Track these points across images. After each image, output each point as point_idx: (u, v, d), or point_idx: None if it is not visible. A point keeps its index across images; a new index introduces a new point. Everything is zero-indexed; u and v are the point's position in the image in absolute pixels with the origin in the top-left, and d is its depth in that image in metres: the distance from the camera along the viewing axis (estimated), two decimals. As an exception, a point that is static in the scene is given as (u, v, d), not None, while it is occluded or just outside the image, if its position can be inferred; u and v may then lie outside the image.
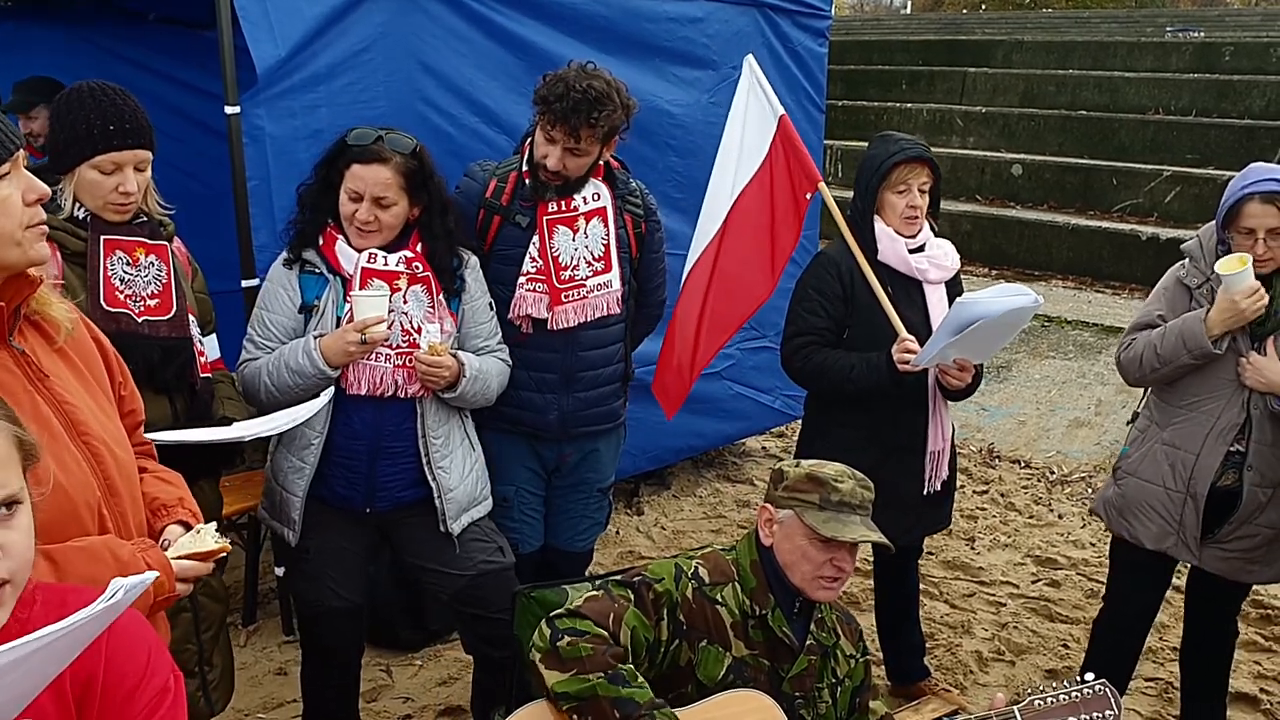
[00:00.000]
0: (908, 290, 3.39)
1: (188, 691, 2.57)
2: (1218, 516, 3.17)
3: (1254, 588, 4.09)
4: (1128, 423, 3.48)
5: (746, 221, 3.65)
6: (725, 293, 3.66)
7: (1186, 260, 3.26)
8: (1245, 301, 2.99)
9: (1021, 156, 11.27)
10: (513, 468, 3.20)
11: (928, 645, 4.12)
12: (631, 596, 2.27)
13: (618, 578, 2.37)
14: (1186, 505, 3.17)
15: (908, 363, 3.16)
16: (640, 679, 2.16)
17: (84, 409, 1.72)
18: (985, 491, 5.87)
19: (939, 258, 3.47)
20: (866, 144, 3.69)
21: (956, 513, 5.49)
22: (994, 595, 4.70)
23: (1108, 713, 2.39)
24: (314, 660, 3.00)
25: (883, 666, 3.91)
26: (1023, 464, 6.24)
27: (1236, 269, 2.97)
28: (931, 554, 5.04)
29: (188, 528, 1.89)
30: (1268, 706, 3.94)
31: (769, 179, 3.64)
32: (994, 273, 9.67)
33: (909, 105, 13.24)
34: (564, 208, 3.09)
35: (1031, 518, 5.53)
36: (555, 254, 3.08)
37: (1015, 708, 2.39)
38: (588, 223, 3.12)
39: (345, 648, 2.97)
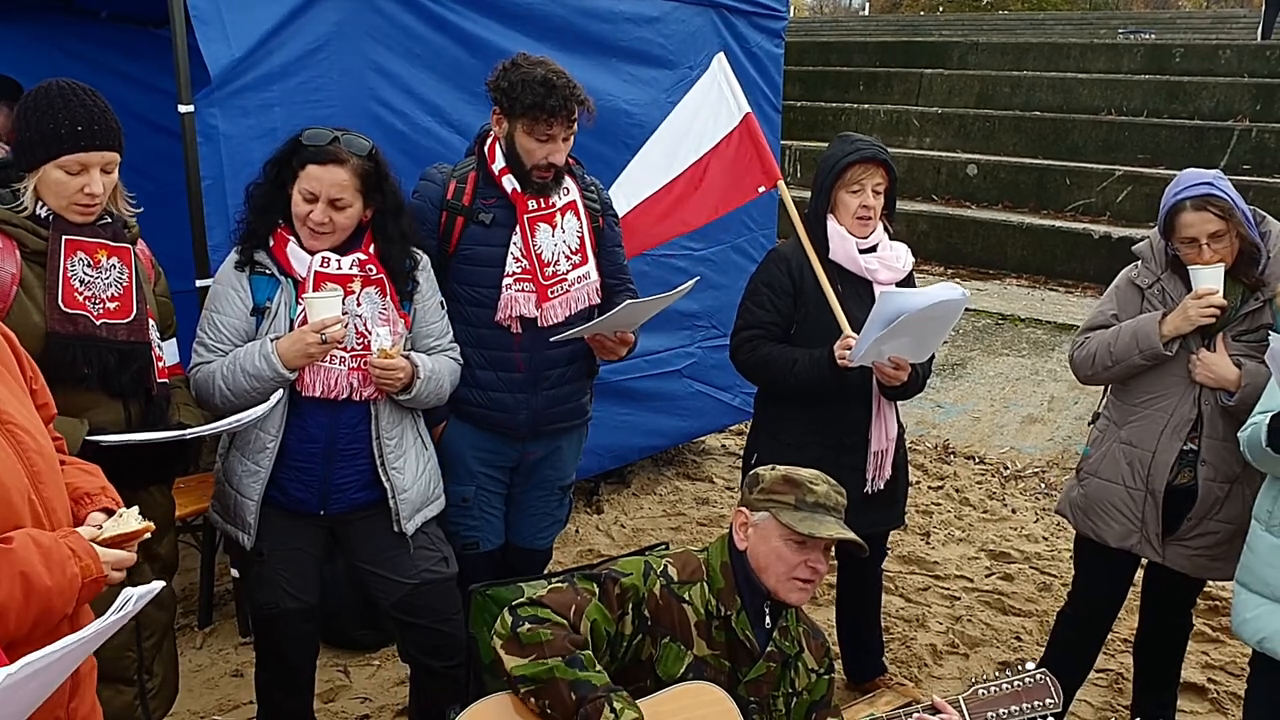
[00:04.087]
0: (857, 290, 3.44)
1: (125, 700, 2.58)
2: (1178, 514, 3.24)
3: (1201, 579, 4.18)
4: (1089, 423, 3.54)
5: (672, 197, 3.81)
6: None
7: (1139, 261, 3.33)
8: (1194, 307, 3.06)
9: (977, 157, 11.41)
10: (474, 467, 3.21)
11: (886, 639, 4.17)
12: (596, 590, 2.29)
13: (585, 571, 2.39)
14: (1147, 503, 3.23)
15: (846, 359, 3.20)
16: (598, 666, 2.19)
17: (3, 398, 1.71)
18: (940, 487, 5.94)
19: (890, 259, 3.51)
20: (825, 144, 3.77)
21: (912, 508, 5.56)
22: (948, 589, 4.76)
23: (1048, 701, 2.44)
24: (269, 662, 2.99)
25: (839, 662, 3.95)
26: (977, 460, 6.33)
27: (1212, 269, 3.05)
28: (887, 549, 5.10)
29: (111, 515, 1.87)
30: (1215, 695, 4.02)
31: (706, 168, 3.78)
32: (950, 272, 9.78)
33: (866, 106, 13.35)
34: (544, 205, 3.11)
35: (986, 512, 5.60)
36: (539, 251, 3.10)
37: (960, 697, 2.44)
38: (563, 217, 3.14)
39: (300, 649, 2.96)
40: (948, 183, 11.25)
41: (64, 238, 2.40)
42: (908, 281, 3.57)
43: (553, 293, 3.09)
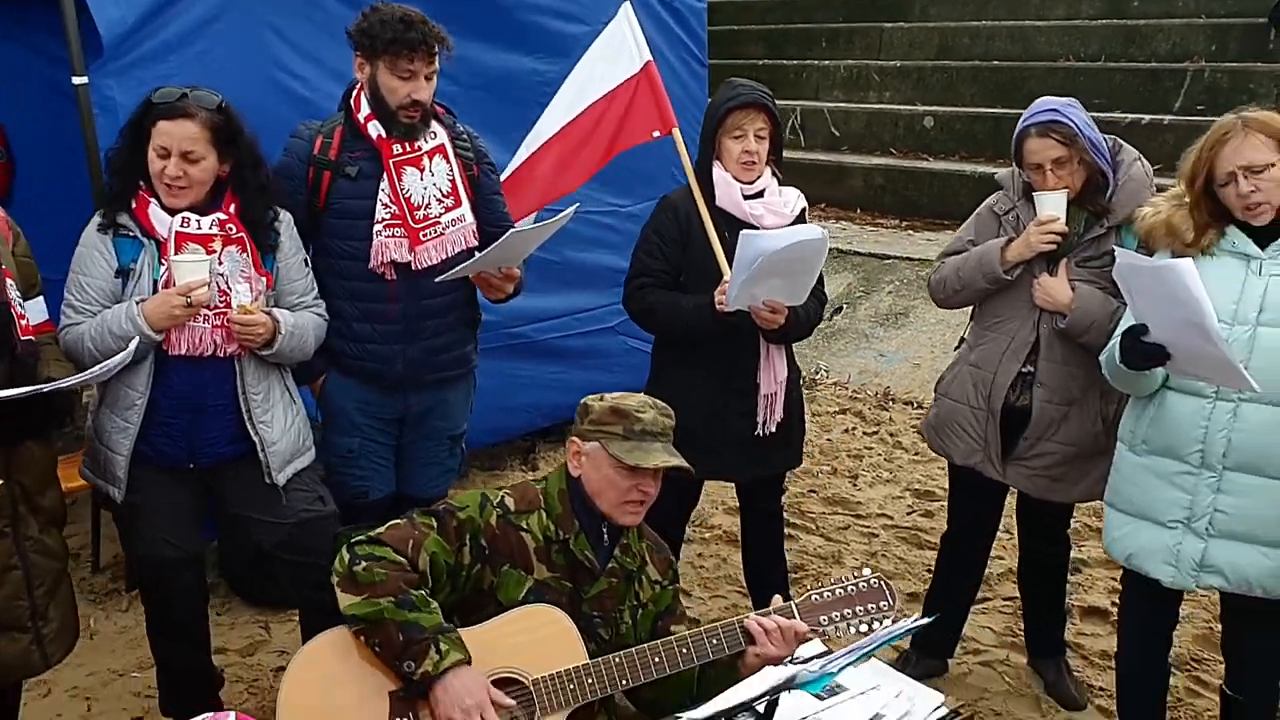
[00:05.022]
0: None
1: (20, 646, 2.69)
2: (1020, 435, 3.36)
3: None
4: (955, 347, 3.66)
5: (571, 140, 3.91)
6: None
7: (1001, 189, 3.43)
8: (1035, 233, 3.17)
9: (934, 109, 11.43)
10: (356, 419, 3.30)
11: (798, 575, 4.29)
12: (434, 524, 2.39)
13: (425, 509, 2.49)
14: (988, 423, 3.36)
15: (723, 303, 3.29)
16: (432, 605, 2.29)
17: None
18: (875, 432, 6.05)
19: (777, 204, 3.59)
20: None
21: (844, 453, 5.69)
22: (868, 527, 4.88)
23: (883, 604, 2.55)
24: (158, 616, 3.10)
25: (749, 599, 4.07)
26: (915, 405, 6.43)
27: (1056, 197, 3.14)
28: (814, 491, 5.22)
29: None
30: (1117, 618, 4.13)
31: (604, 113, 3.86)
32: (904, 224, 9.84)
33: (829, 63, 13.34)
34: (409, 149, 3.18)
35: (917, 455, 5.71)
36: (407, 195, 3.17)
37: (792, 603, 2.55)
38: (431, 160, 3.22)
39: (185, 600, 3.07)
40: (905, 136, 11.28)
41: None
42: (799, 224, 3.64)
43: (425, 236, 3.16)
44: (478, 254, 3.20)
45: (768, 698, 2.19)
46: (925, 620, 2.49)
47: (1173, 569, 2.94)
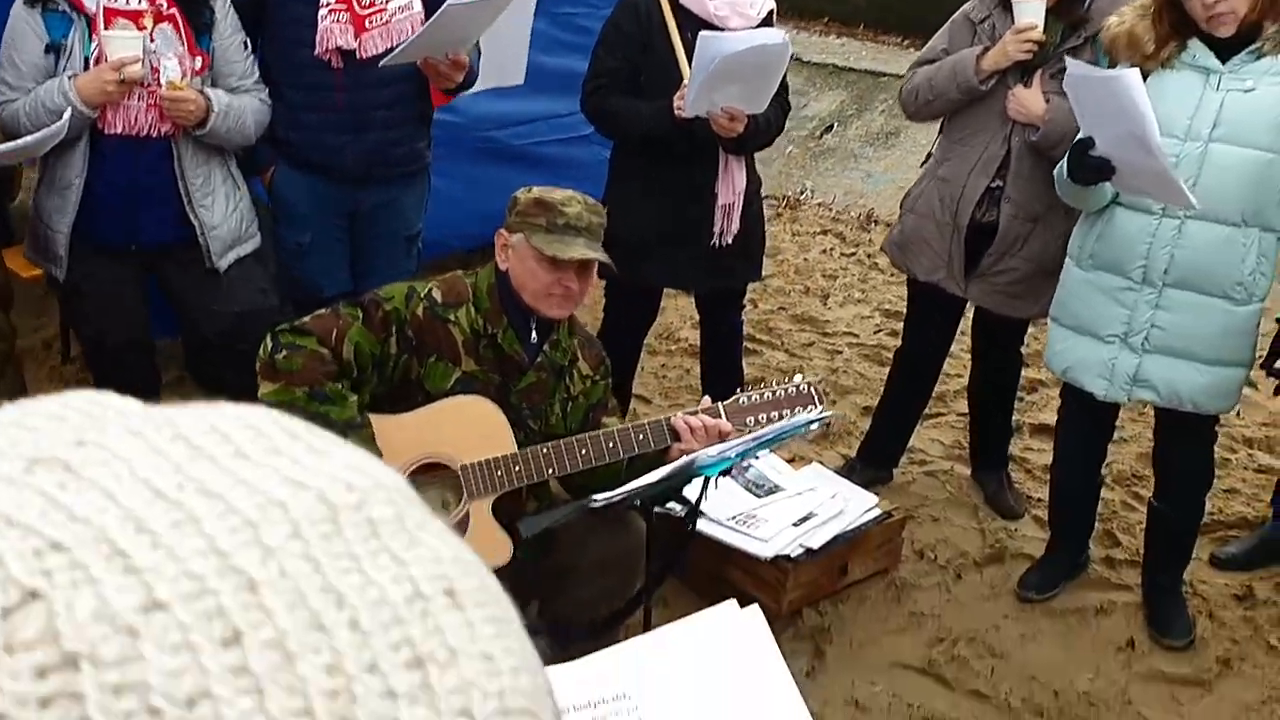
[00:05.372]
0: None
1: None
2: (983, 251, 3.34)
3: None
4: (921, 163, 3.61)
5: None
6: None
7: None
8: (1012, 42, 3.07)
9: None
10: (307, 213, 3.29)
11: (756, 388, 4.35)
12: (359, 314, 2.41)
13: (351, 299, 2.51)
14: (953, 238, 3.34)
15: (681, 108, 3.22)
16: (349, 400, 2.32)
17: None
18: (853, 254, 6.03)
19: (742, 4, 3.47)
20: None
21: (818, 273, 5.69)
22: (833, 344, 4.92)
23: (810, 408, 2.60)
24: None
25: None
26: (897, 227, 6.38)
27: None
28: (783, 309, 5.24)
29: None
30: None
31: None
32: (906, 41, 9.54)
33: None
34: None
35: (892, 276, 5.67)
36: None
37: (720, 404, 2.60)
38: None
39: (134, 385, 3.13)
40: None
41: None
42: (765, 26, 3.54)
43: (370, 23, 3.09)
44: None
45: (674, 483, 2.26)
46: (828, 414, 2.54)
47: (1106, 382, 2.98)
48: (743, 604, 3.21)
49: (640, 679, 0.98)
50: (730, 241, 3.58)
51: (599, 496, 2.29)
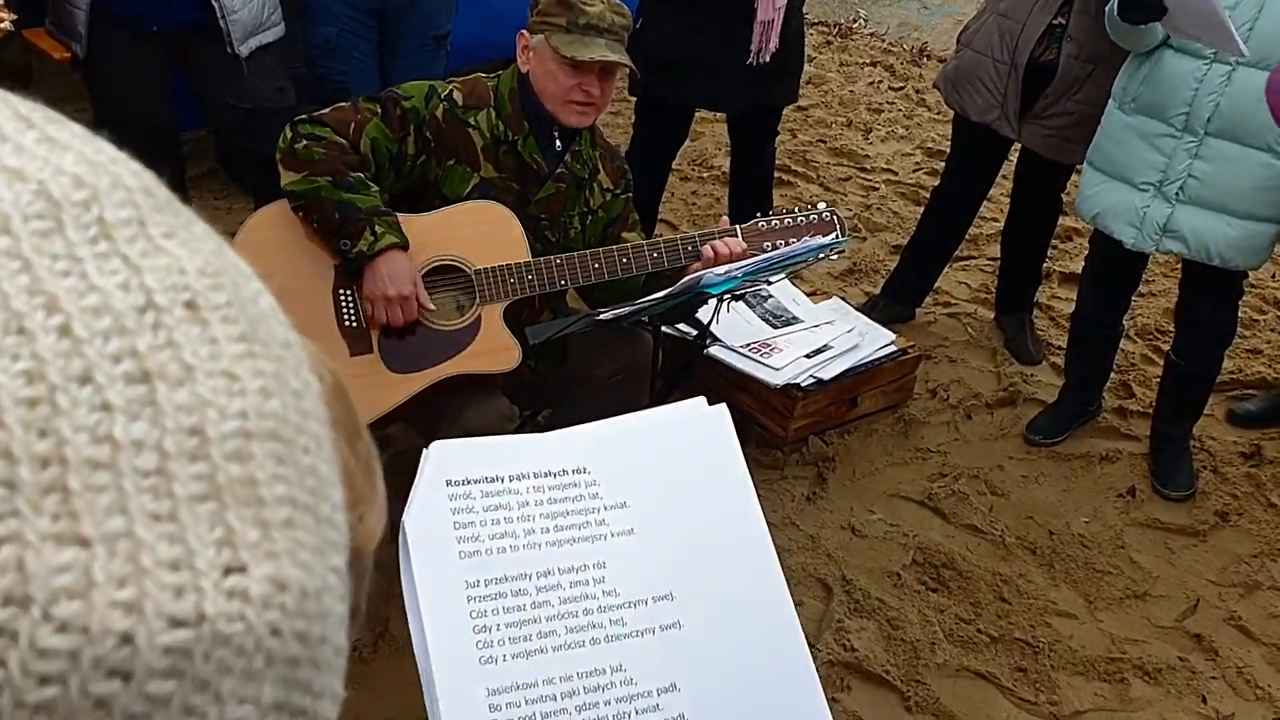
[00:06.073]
0: None
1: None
2: (1040, 93, 3.24)
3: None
4: (983, -1, 3.47)
5: None
6: None
7: None
8: None
9: None
10: (334, 7, 3.24)
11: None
12: (378, 110, 2.38)
13: (371, 94, 2.48)
14: (1010, 77, 3.24)
15: None
16: (371, 189, 2.32)
17: None
18: (901, 88, 5.86)
19: None
20: None
21: (863, 106, 5.55)
22: (869, 180, 4.84)
23: (831, 236, 2.57)
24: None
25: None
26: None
27: None
28: (823, 141, 5.14)
29: None
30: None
31: None
32: None
33: None
34: None
35: (939, 114, 5.53)
36: None
37: (738, 227, 2.58)
38: None
39: (157, 170, 3.13)
40: None
41: None
42: None
43: None
44: None
45: (679, 301, 2.27)
46: (841, 242, 2.51)
47: (1136, 231, 2.93)
48: (749, 428, 3.27)
49: (603, 457, 1.02)
50: (767, 60, 3.49)
51: (605, 311, 2.31)
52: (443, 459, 0.95)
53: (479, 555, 0.92)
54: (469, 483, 0.95)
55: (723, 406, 1.11)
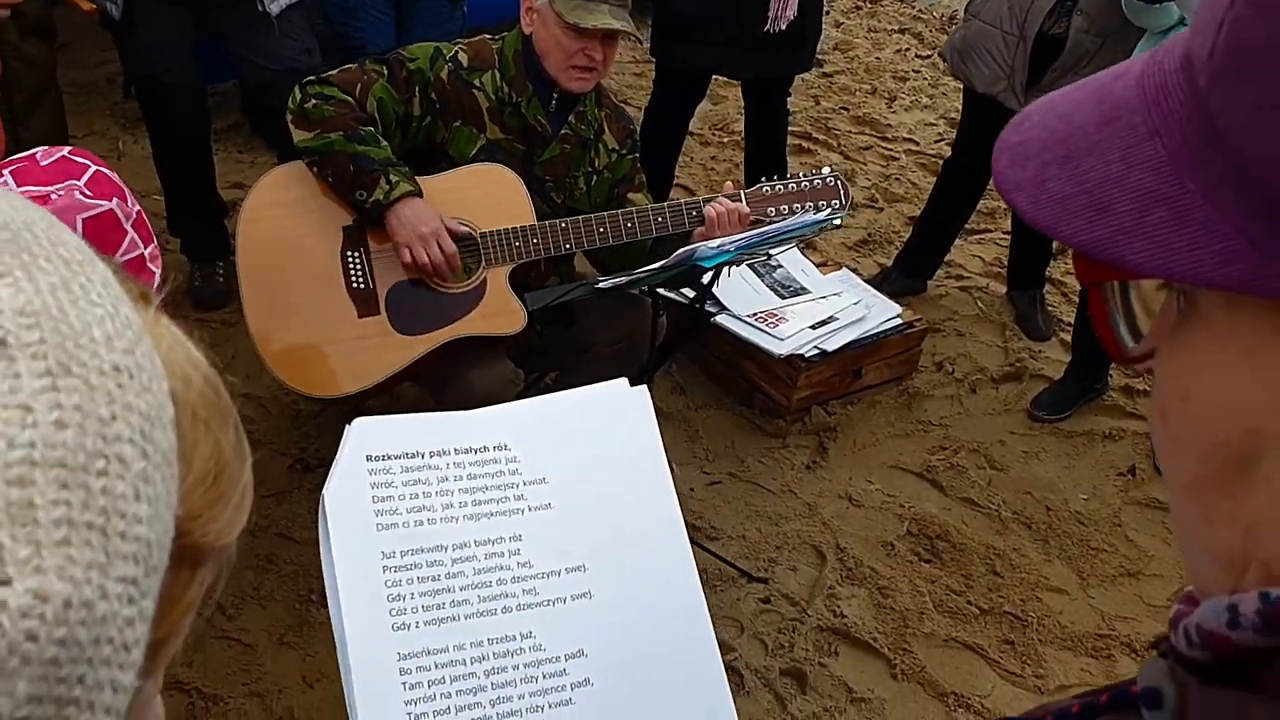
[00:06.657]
0: None
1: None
2: (1048, 66, 3.22)
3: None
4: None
5: None
6: None
7: None
8: None
9: None
10: (355, -34, 3.26)
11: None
12: (385, 71, 2.41)
13: (377, 55, 2.51)
14: (1018, 49, 3.22)
15: None
16: (382, 143, 2.36)
17: None
18: (928, 56, 5.81)
19: None
20: None
21: (888, 74, 5.51)
22: (890, 150, 4.82)
23: (835, 202, 2.58)
24: (159, 137, 3.24)
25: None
26: (980, 33, 6.10)
27: None
28: (845, 109, 5.12)
29: None
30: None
31: None
32: None
33: None
34: None
35: (965, 84, 5.50)
36: None
37: (742, 190, 2.60)
38: None
39: (185, 126, 3.18)
40: None
41: None
42: None
43: None
44: None
45: (675, 272, 2.29)
46: (837, 217, 2.52)
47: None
48: (752, 396, 3.29)
49: (525, 434, 1.06)
50: (784, 27, 3.49)
51: (605, 279, 2.34)
52: (365, 435, 0.99)
53: (396, 528, 0.97)
54: (389, 458, 0.99)
55: (643, 388, 1.15)
